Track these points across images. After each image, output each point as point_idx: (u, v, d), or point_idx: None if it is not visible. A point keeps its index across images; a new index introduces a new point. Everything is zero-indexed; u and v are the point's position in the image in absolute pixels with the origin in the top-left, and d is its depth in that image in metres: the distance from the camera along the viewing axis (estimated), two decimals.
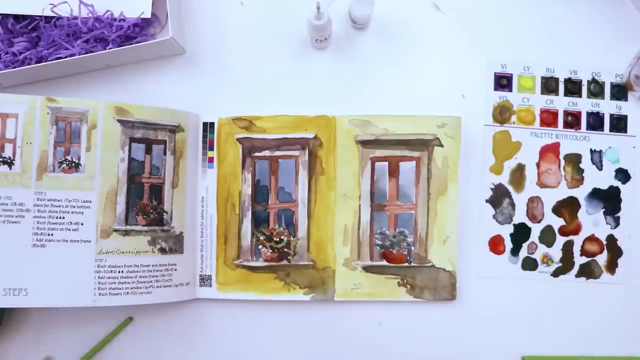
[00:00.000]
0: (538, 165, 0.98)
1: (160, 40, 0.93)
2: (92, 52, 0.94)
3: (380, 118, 0.95)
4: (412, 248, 0.94)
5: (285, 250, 0.94)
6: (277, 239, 0.94)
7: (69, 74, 0.98)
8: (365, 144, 0.95)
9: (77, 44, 0.94)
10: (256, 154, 0.95)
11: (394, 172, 0.95)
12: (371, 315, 0.96)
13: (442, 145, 0.94)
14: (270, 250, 0.94)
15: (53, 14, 0.94)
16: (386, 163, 0.95)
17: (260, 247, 0.94)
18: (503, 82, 0.99)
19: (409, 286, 0.94)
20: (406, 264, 0.94)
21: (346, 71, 1.00)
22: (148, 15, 0.95)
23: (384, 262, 0.94)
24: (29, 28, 0.96)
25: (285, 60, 1.00)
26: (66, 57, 0.93)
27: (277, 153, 0.95)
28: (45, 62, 0.93)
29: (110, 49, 0.94)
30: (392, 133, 0.94)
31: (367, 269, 0.94)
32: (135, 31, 0.96)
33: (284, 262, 0.94)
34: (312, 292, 0.94)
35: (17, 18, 0.96)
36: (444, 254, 0.94)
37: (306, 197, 0.95)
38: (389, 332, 0.96)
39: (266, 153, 0.95)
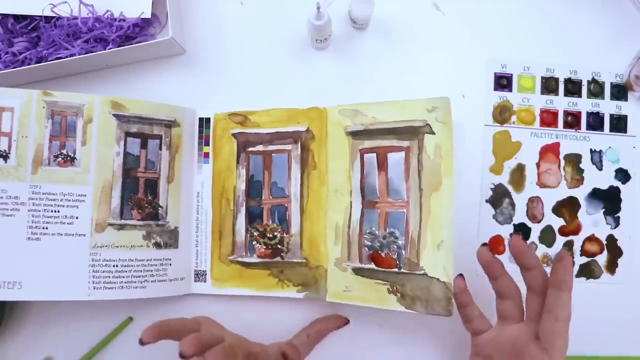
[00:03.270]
0: (538, 165, 0.98)
1: (160, 40, 0.93)
2: (92, 52, 0.95)
3: (369, 106, 0.91)
4: (403, 252, 0.87)
5: (279, 246, 0.94)
6: (271, 235, 0.94)
7: (69, 74, 0.99)
8: (355, 135, 0.92)
9: (77, 44, 0.95)
10: (250, 149, 0.95)
11: (382, 164, 0.90)
12: (364, 315, 0.95)
13: (433, 133, 0.87)
14: (264, 247, 0.94)
15: (53, 14, 0.95)
16: (374, 155, 0.91)
17: (254, 243, 0.94)
18: (503, 82, 0.99)
19: (399, 294, 0.87)
20: (395, 270, 0.87)
21: (346, 71, 1.00)
22: (148, 15, 0.95)
23: (372, 265, 0.89)
24: (29, 28, 0.96)
25: (285, 60, 1.00)
26: (66, 57, 0.94)
27: (271, 147, 0.95)
28: (45, 62, 0.94)
29: (110, 49, 0.94)
30: (380, 122, 0.90)
31: (356, 271, 0.90)
32: (135, 31, 0.97)
33: (278, 258, 0.94)
34: (305, 290, 0.93)
35: (17, 18, 0.97)
36: (437, 261, 0.85)
37: (299, 193, 0.94)
38: (385, 332, 0.96)
39: (260, 148, 0.95)
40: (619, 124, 0.98)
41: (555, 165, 0.98)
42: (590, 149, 0.98)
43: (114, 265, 0.87)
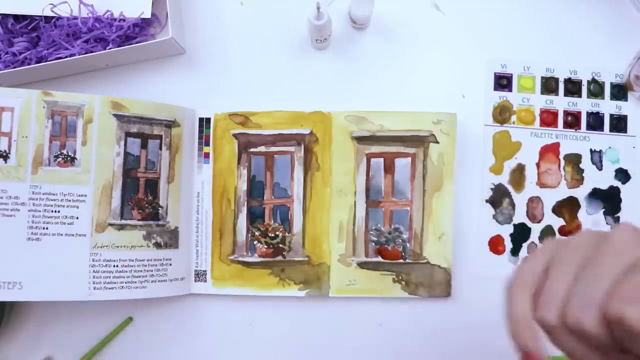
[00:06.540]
0: (538, 165, 0.98)
1: (160, 40, 0.93)
2: (92, 52, 0.94)
3: (376, 114, 0.94)
4: (407, 244, 0.94)
5: (281, 245, 0.94)
6: (272, 235, 0.94)
7: (69, 74, 0.99)
8: (360, 140, 0.94)
9: (77, 44, 0.94)
10: (252, 150, 0.95)
11: (389, 168, 0.94)
12: (366, 310, 0.96)
13: (437, 142, 0.93)
14: (266, 246, 0.94)
15: (53, 14, 0.94)
16: (381, 159, 0.94)
17: (255, 242, 0.94)
18: (503, 82, 0.99)
19: (403, 282, 0.94)
20: (401, 261, 0.94)
21: (346, 71, 1.00)
22: (148, 15, 0.95)
23: (379, 259, 0.94)
24: (29, 28, 0.96)
25: (285, 60, 1.00)
26: (66, 57, 0.94)
27: (273, 149, 0.95)
28: (45, 62, 0.94)
29: (110, 49, 0.94)
30: (387, 129, 0.94)
31: (362, 265, 0.94)
32: (135, 31, 0.97)
33: (279, 257, 0.94)
34: (307, 288, 0.94)
35: (17, 18, 0.96)
36: (439, 251, 0.94)
37: (301, 193, 0.94)
38: (385, 328, 0.96)
39: (262, 149, 0.95)
40: (619, 124, 0.98)
41: (555, 165, 0.98)
42: (590, 149, 0.98)
43: (114, 266, 0.87)
